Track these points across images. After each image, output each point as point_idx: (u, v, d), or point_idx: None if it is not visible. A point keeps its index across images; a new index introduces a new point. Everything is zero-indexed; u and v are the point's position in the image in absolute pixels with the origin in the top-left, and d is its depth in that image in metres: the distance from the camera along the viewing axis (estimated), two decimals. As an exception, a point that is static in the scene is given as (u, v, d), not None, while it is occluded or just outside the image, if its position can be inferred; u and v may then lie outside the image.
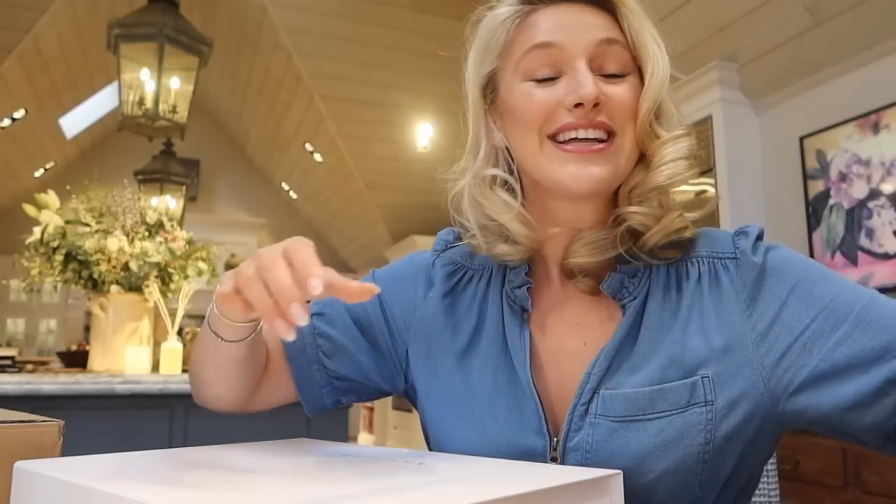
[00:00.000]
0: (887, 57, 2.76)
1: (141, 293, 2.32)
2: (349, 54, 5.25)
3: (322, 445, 0.72)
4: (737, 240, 0.65)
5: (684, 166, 0.63)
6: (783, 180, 3.18)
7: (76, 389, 1.85)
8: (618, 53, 0.63)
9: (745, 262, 0.63)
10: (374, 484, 0.48)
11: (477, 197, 0.69)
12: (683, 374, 0.60)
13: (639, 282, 0.65)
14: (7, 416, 0.71)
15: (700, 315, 0.62)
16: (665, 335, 0.62)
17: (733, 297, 0.62)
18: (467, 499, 0.39)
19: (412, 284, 0.77)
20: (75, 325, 7.94)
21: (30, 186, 6.93)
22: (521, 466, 0.57)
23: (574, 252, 0.66)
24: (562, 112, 0.62)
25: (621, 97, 0.62)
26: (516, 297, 0.69)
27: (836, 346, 0.57)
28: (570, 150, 0.62)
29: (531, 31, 0.65)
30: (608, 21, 0.64)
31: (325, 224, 8.91)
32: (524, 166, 0.67)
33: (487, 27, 0.68)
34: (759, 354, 0.60)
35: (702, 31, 3.18)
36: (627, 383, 0.61)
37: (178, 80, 2.87)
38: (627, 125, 0.63)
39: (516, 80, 0.65)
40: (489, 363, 0.68)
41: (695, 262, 0.65)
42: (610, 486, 0.49)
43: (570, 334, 0.67)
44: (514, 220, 0.66)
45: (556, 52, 0.63)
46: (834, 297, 0.59)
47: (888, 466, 2.20)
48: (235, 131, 8.90)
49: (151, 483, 0.49)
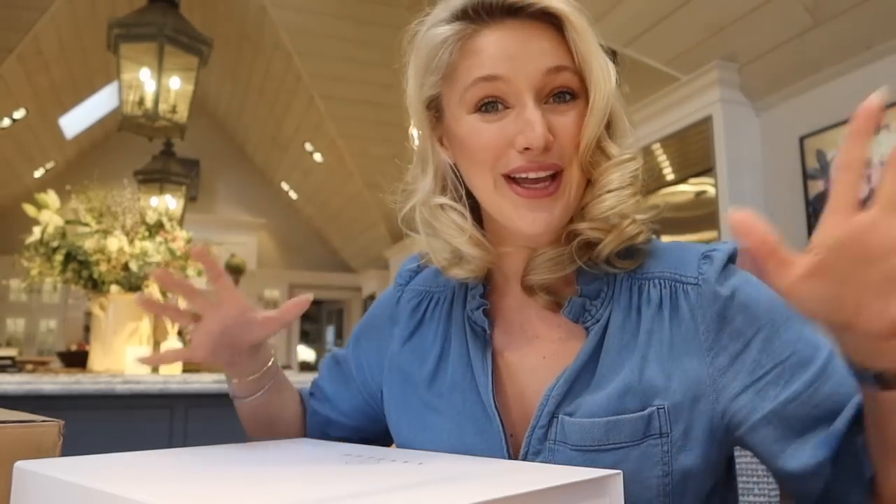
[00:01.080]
0: (887, 57, 2.76)
1: (141, 293, 2.32)
2: (349, 54, 5.25)
3: (322, 445, 0.72)
4: (702, 263, 0.62)
5: (628, 194, 0.62)
6: (783, 180, 3.18)
7: (76, 389, 1.85)
8: (566, 80, 0.62)
9: (708, 291, 0.61)
10: (374, 484, 0.48)
11: (428, 219, 0.68)
12: (640, 403, 0.59)
13: (601, 304, 0.64)
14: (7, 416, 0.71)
15: (659, 342, 0.61)
16: (625, 359, 0.62)
17: (692, 329, 0.61)
18: (467, 498, 0.39)
19: (381, 327, 0.80)
20: (75, 325, 7.94)
21: (30, 186, 6.93)
22: (521, 466, 0.57)
23: (533, 270, 0.66)
24: (511, 152, 0.61)
25: (568, 130, 0.61)
26: (475, 318, 0.69)
27: (787, 402, 0.57)
28: (521, 193, 0.61)
29: (475, 58, 0.62)
30: (554, 43, 0.62)
31: (325, 224, 8.91)
32: (477, 197, 0.66)
33: (428, 45, 0.64)
34: (715, 389, 0.59)
35: (702, 31, 3.18)
36: (584, 409, 0.60)
37: (178, 80, 2.87)
38: (574, 155, 0.62)
39: (462, 112, 0.63)
40: (456, 387, 0.68)
41: (656, 284, 0.64)
42: (610, 487, 0.49)
43: (530, 348, 0.67)
44: (467, 242, 0.66)
45: (502, 85, 0.61)
46: (794, 352, 0.58)
47: (888, 466, 2.20)
48: (235, 131, 8.90)
49: (151, 483, 0.49)
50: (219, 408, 2.10)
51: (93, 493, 0.46)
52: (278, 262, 9.52)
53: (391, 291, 0.81)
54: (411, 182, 0.71)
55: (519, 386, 0.67)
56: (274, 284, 9.21)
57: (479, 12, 0.62)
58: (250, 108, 7.72)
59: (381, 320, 0.80)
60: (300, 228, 9.51)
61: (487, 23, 0.62)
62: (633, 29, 3.38)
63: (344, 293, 9.34)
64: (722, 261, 0.62)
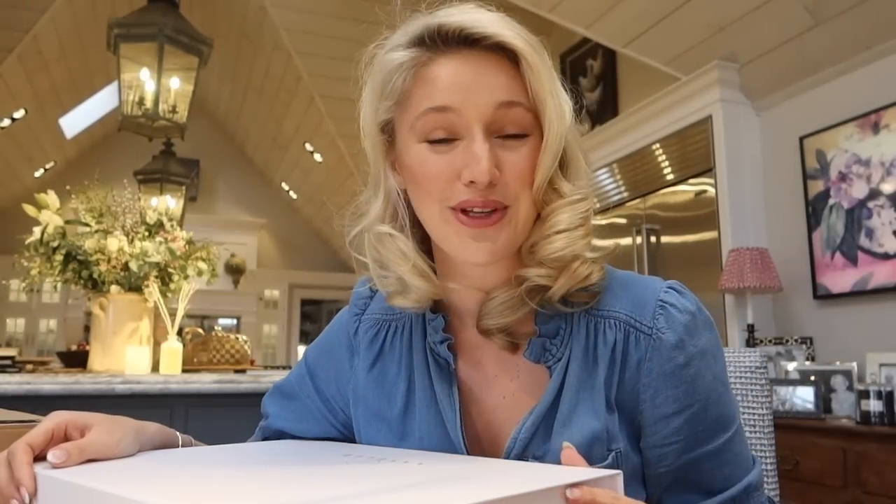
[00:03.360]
0: (887, 57, 2.76)
1: (141, 293, 2.32)
2: (349, 54, 5.23)
3: (322, 445, 0.72)
4: (657, 314, 0.63)
5: (580, 235, 0.62)
6: (783, 180, 3.18)
7: (76, 389, 1.85)
8: (518, 116, 0.61)
9: (661, 352, 0.62)
10: (374, 484, 0.48)
11: (374, 244, 0.67)
12: (604, 450, 0.61)
13: (561, 342, 0.64)
14: (7, 416, 0.71)
15: (609, 387, 0.63)
16: (585, 403, 0.62)
17: (635, 378, 0.62)
18: (467, 498, 0.39)
19: (340, 357, 0.77)
20: (75, 325, 7.94)
21: (30, 186, 6.93)
22: (521, 466, 0.57)
23: (487, 314, 0.65)
24: (457, 184, 0.60)
25: (517, 166, 0.60)
26: (439, 352, 0.68)
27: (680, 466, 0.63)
28: (465, 222, 0.60)
29: (428, 87, 0.61)
30: (509, 77, 0.61)
31: (324, 224, 8.91)
32: (426, 225, 0.66)
33: (383, 70, 0.64)
34: (642, 436, 0.64)
35: (702, 31, 3.18)
36: (554, 454, 0.60)
37: (178, 80, 2.87)
38: (523, 192, 0.61)
39: (412, 140, 0.63)
40: (423, 421, 0.67)
41: (612, 325, 0.64)
42: (609, 487, 0.49)
43: (490, 387, 0.67)
44: (411, 272, 0.65)
45: (452, 117, 0.60)
46: (706, 428, 0.63)
47: (888, 466, 2.20)
48: (235, 131, 8.90)
49: (151, 483, 0.49)
50: (219, 408, 2.10)
51: (94, 493, 0.46)
52: (278, 262, 9.52)
53: (347, 320, 0.78)
54: (364, 204, 0.70)
55: (484, 422, 0.66)
56: (274, 284, 9.21)
57: (436, 40, 0.62)
58: (250, 108, 7.72)
59: (339, 350, 0.77)
60: (300, 228, 9.51)
61: (444, 51, 0.62)
62: (633, 29, 3.38)
63: (344, 293, 9.31)
64: (683, 323, 0.63)
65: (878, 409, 2.33)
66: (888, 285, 2.68)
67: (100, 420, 0.61)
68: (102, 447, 0.58)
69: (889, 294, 2.70)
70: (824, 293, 2.94)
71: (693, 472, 0.63)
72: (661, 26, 3.26)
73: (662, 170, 3.62)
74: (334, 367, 0.77)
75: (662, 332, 0.62)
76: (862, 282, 2.78)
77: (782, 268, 2.99)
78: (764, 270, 2.88)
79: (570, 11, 3.43)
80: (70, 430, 0.59)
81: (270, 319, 9.16)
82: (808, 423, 2.54)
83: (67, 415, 0.61)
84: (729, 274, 2.93)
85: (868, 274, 2.76)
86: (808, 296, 3.01)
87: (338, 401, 0.76)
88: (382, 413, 0.70)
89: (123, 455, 0.60)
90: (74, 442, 0.57)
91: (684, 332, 0.63)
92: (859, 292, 2.79)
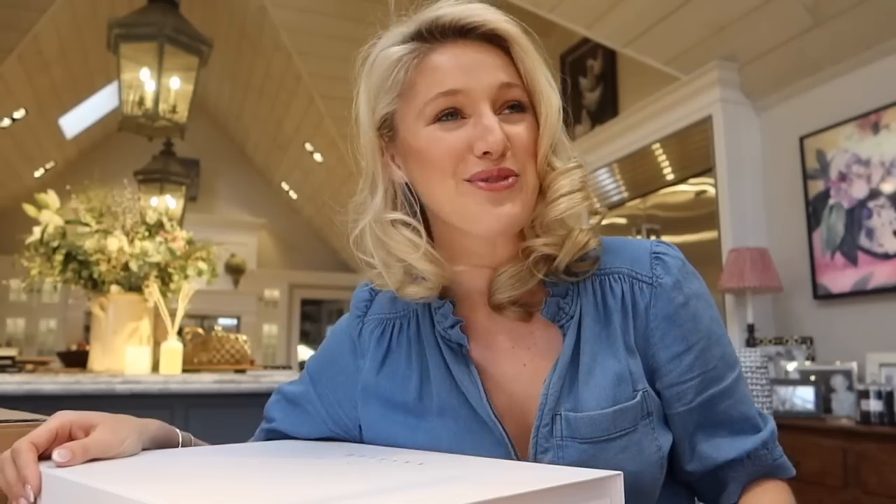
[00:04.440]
0: (887, 57, 2.76)
1: (141, 293, 2.32)
2: (349, 54, 5.24)
3: (322, 445, 0.72)
4: (655, 264, 0.69)
5: (580, 198, 0.66)
6: (783, 180, 3.18)
7: (76, 389, 1.85)
8: (516, 95, 0.65)
9: (663, 295, 0.68)
10: (374, 484, 0.48)
11: (381, 236, 0.68)
12: (630, 390, 0.65)
13: (571, 301, 0.68)
14: (7, 415, 0.72)
15: (626, 333, 0.67)
16: (604, 351, 0.66)
17: (645, 323, 0.68)
18: (467, 498, 0.39)
19: (343, 362, 0.77)
20: (75, 325, 7.94)
21: (30, 186, 6.93)
22: (521, 466, 0.57)
23: (498, 289, 0.69)
24: (470, 158, 0.63)
25: (522, 138, 0.65)
26: (451, 336, 0.70)
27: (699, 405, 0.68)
28: (483, 188, 0.63)
29: (434, 75, 0.65)
30: (503, 61, 0.66)
31: (325, 224, 8.91)
32: (437, 208, 0.68)
33: (382, 66, 0.67)
34: (657, 378, 0.68)
35: (702, 31, 3.18)
36: (585, 403, 0.64)
37: (178, 80, 2.87)
38: (528, 163, 0.65)
39: (420, 125, 0.65)
40: (445, 407, 0.68)
41: (617, 279, 0.69)
42: (610, 488, 0.49)
43: (507, 359, 0.69)
44: (422, 258, 0.67)
45: (461, 98, 0.64)
46: (716, 366, 0.68)
47: (888, 466, 2.20)
48: (235, 131, 8.90)
49: (152, 483, 0.49)
50: (219, 408, 2.10)
51: (97, 493, 0.46)
52: (278, 262, 9.52)
53: (349, 324, 0.79)
54: (360, 205, 0.71)
55: (506, 394, 0.68)
56: (274, 284, 9.21)
57: (433, 32, 0.66)
58: (250, 108, 7.72)
59: (343, 355, 0.78)
60: (300, 228, 9.51)
61: (441, 42, 0.66)
62: (633, 29, 3.38)
63: (344, 293, 9.33)
64: (677, 267, 0.69)
65: (878, 409, 2.33)
66: (888, 285, 2.68)
67: (104, 419, 0.62)
68: (107, 446, 0.59)
69: (889, 294, 2.70)
70: (824, 293, 2.94)
71: (713, 413, 0.68)
72: (661, 26, 3.26)
73: (662, 170, 3.62)
74: (338, 372, 0.77)
75: (660, 277, 0.68)
76: (862, 282, 2.78)
77: (782, 268, 2.99)
78: (764, 270, 2.88)
79: (570, 11, 3.43)
80: (74, 430, 0.60)
81: (270, 319, 9.16)
82: (808, 423, 2.54)
83: (72, 414, 0.61)
84: (729, 274, 2.93)
85: (868, 274, 2.76)
86: (808, 296, 3.01)
87: (343, 405, 0.76)
88: (396, 403, 0.71)
89: (127, 454, 0.61)
90: (79, 441, 0.58)
91: (679, 273, 0.69)
92: (859, 292, 2.79)
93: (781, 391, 2.73)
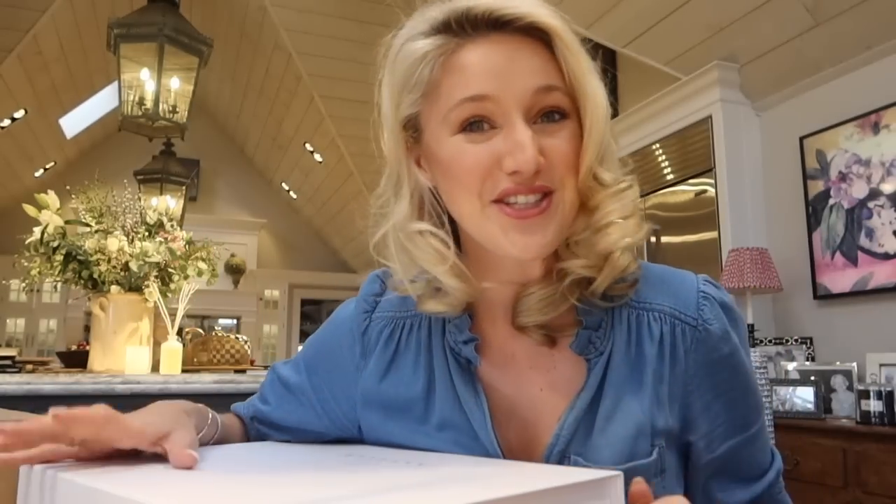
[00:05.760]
0: (887, 57, 2.76)
1: (141, 293, 2.32)
2: (349, 54, 5.25)
3: (322, 446, 0.72)
4: (702, 305, 0.63)
5: (633, 225, 0.59)
6: (783, 180, 3.18)
7: (76, 389, 1.85)
8: (556, 99, 0.57)
9: (708, 342, 0.62)
10: (374, 484, 0.48)
11: (405, 244, 0.62)
12: (648, 444, 0.60)
13: (604, 335, 0.62)
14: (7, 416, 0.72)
15: (660, 382, 0.61)
16: (629, 396, 0.61)
17: (682, 370, 0.62)
18: (467, 498, 0.39)
19: (343, 358, 0.71)
20: (75, 325, 7.94)
21: (30, 186, 6.93)
22: (521, 467, 0.57)
23: (525, 311, 0.62)
24: (498, 174, 0.56)
25: (560, 150, 0.57)
26: (461, 351, 0.64)
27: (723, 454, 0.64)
28: (510, 214, 0.57)
29: (460, 76, 0.57)
30: (543, 60, 0.58)
31: (325, 224, 8.91)
32: (462, 223, 0.62)
33: (406, 61, 0.60)
34: (685, 427, 0.63)
35: (702, 31, 3.18)
36: (598, 452, 0.59)
37: (178, 80, 2.87)
38: (568, 177, 0.58)
39: (445, 132, 0.59)
40: (446, 425, 0.63)
41: (657, 318, 0.62)
42: (610, 489, 0.49)
43: (525, 380, 0.64)
44: (448, 272, 0.60)
45: (489, 105, 0.56)
46: (744, 415, 0.65)
47: (888, 467, 2.20)
48: (235, 131, 8.90)
49: (151, 483, 0.49)
50: (218, 408, 2.10)
51: (96, 494, 0.46)
52: (278, 262, 9.52)
53: (354, 317, 0.72)
54: (382, 207, 0.65)
55: (519, 419, 0.63)
56: (274, 284, 9.21)
57: (463, 25, 0.58)
58: (250, 108, 7.72)
59: (345, 350, 0.71)
60: (300, 228, 9.51)
61: (472, 37, 0.58)
62: (633, 29, 3.38)
63: (344, 293, 9.32)
64: (725, 315, 0.63)
65: (878, 409, 2.33)
66: (888, 285, 2.68)
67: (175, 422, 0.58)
68: (192, 441, 0.55)
69: (889, 294, 2.70)
70: (824, 293, 2.94)
71: (732, 461, 0.64)
72: (661, 26, 3.26)
73: (662, 170, 3.62)
74: (335, 366, 0.72)
75: (710, 323, 0.62)
76: (862, 282, 2.78)
77: (782, 268, 2.99)
78: (764, 270, 2.88)
79: (570, 11, 3.39)
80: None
81: (270, 319, 9.16)
82: (808, 423, 2.54)
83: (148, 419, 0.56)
84: (729, 274, 2.93)
85: (868, 274, 2.76)
86: (808, 296, 3.01)
87: (340, 403, 0.72)
88: (399, 412, 0.67)
89: None
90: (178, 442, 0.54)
91: (729, 322, 0.63)
92: (859, 292, 2.79)
93: (781, 391, 2.73)
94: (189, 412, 0.64)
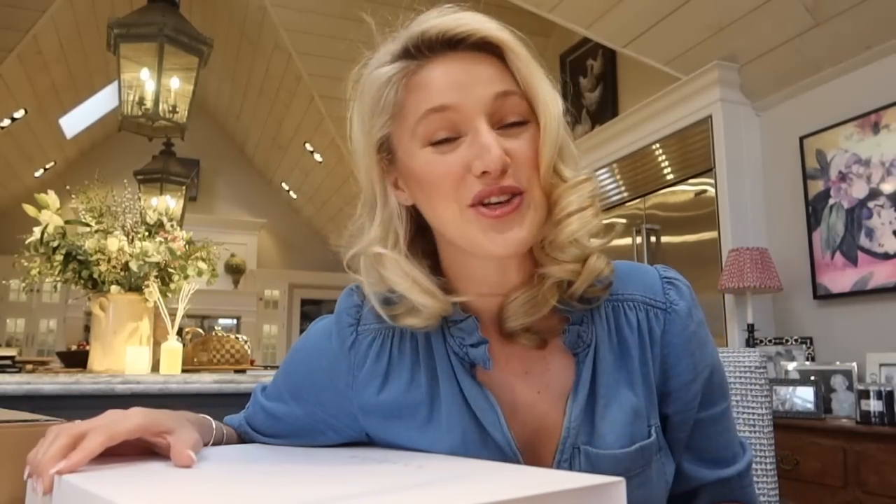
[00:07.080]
0: (887, 57, 2.76)
1: (141, 293, 2.32)
2: (349, 54, 5.24)
3: (326, 448, 0.72)
4: (667, 289, 0.69)
5: (590, 215, 0.63)
6: (783, 180, 3.18)
7: (76, 389, 1.85)
8: (514, 104, 0.62)
9: (677, 321, 0.67)
10: (374, 484, 0.48)
11: (374, 265, 0.65)
12: (644, 425, 0.65)
13: (588, 328, 0.67)
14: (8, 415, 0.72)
15: (644, 364, 0.66)
16: (621, 383, 0.65)
17: (658, 350, 0.67)
18: (466, 500, 0.39)
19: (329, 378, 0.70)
20: (75, 325, 7.94)
21: (30, 186, 6.93)
22: (521, 470, 0.57)
23: (511, 315, 0.66)
24: (470, 179, 0.60)
25: (523, 152, 0.61)
26: (468, 354, 0.66)
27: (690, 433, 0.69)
28: (487, 214, 0.60)
29: (423, 92, 0.62)
30: (498, 70, 0.62)
31: (325, 224, 8.91)
32: (443, 230, 0.65)
33: (373, 87, 0.64)
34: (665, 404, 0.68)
35: (702, 31, 3.18)
36: (604, 439, 0.63)
37: (178, 80, 2.87)
38: (533, 177, 0.62)
39: (415, 147, 0.62)
40: (455, 429, 0.64)
41: (632, 307, 0.68)
42: (612, 494, 0.49)
43: (521, 385, 0.66)
44: (414, 290, 0.64)
45: (452, 114, 0.60)
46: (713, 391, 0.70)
47: (888, 466, 2.20)
48: (235, 131, 8.89)
49: (152, 484, 0.49)
50: (219, 408, 2.10)
51: (97, 497, 0.46)
52: (278, 262, 9.51)
53: (337, 332, 0.70)
54: (357, 231, 0.68)
55: (522, 420, 0.65)
56: (274, 284, 9.21)
57: (421, 49, 0.63)
58: (250, 108, 7.72)
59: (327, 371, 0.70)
60: (300, 228, 9.51)
61: (430, 57, 0.62)
62: (633, 29, 3.38)
63: (344, 293, 9.33)
64: (688, 293, 0.69)
65: (878, 409, 2.33)
66: (888, 285, 2.68)
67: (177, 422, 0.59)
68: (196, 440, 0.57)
69: (889, 294, 2.70)
70: (824, 293, 2.94)
71: (700, 438, 0.69)
72: (661, 26, 3.26)
73: (662, 170, 3.62)
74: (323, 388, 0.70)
75: (675, 303, 0.68)
76: (862, 282, 2.78)
77: (782, 268, 2.99)
78: (764, 270, 2.89)
79: (570, 11, 3.43)
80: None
81: (270, 319, 9.16)
82: (808, 423, 2.54)
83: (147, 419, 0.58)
84: (729, 274, 2.93)
85: (868, 274, 2.76)
86: (808, 296, 3.01)
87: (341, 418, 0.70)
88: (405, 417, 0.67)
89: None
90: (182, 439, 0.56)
91: (690, 301, 0.69)
92: (859, 292, 2.79)
93: (781, 391, 2.73)
94: (192, 420, 0.66)
